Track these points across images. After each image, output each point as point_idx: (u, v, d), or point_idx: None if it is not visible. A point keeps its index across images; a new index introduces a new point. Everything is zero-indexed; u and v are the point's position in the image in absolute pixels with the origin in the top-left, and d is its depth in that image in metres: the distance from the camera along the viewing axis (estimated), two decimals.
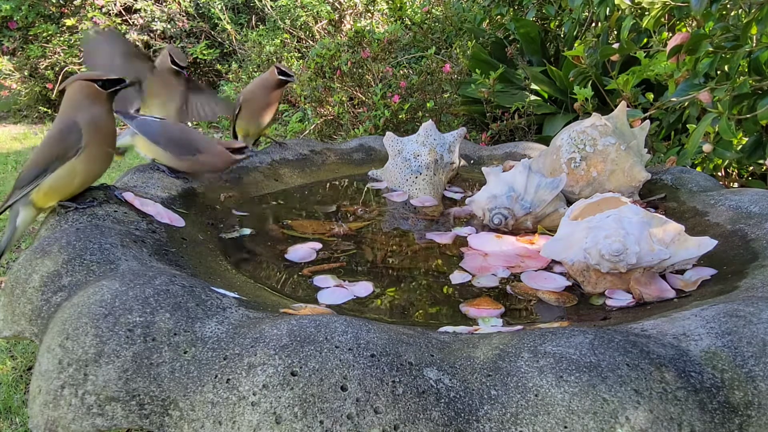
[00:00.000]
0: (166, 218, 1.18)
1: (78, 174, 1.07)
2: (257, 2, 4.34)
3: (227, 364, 0.67)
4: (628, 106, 1.60)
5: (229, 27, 4.31)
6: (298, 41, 3.90)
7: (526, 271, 1.13)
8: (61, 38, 4.35)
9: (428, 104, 2.72)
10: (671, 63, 1.63)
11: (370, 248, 1.25)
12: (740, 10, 1.56)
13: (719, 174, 1.99)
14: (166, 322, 0.73)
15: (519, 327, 0.90)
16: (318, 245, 1.23)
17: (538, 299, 1.03)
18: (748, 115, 1.46)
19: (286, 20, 3.91)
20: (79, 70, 4.30)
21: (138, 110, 1.62)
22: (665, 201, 1.45)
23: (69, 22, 4.30)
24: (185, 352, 0.70)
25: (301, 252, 1.19)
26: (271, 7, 4.20)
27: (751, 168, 1.99)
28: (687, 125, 1.92)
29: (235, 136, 1.77)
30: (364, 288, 1.05)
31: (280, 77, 1.67)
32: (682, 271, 1.07)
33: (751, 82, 1.44)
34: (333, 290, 1.04)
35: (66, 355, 0.70)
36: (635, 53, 1.85)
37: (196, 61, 4.45)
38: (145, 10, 4.46)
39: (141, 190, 1.28)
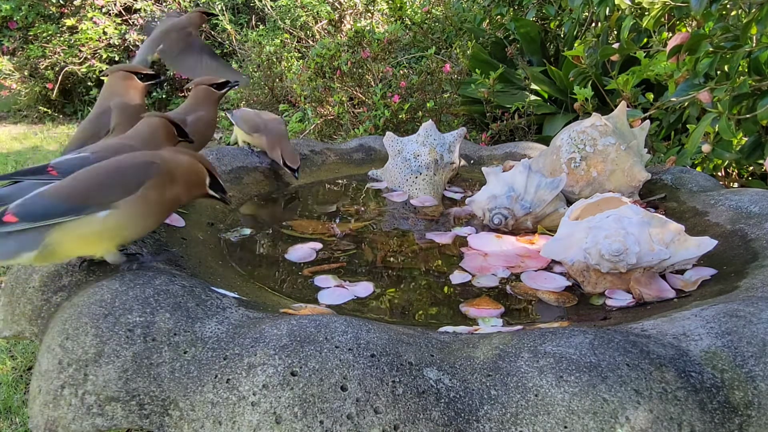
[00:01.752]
0: None
1: None
2: (257, 2, 4.34)
3: (227, 364, 0.67)
4: (628, 106, 1.60)
5: (229, 27, 4.31)
6: (298, 41, 3.90)
7: (526, 271, 1.14)
8: (61, 38, 4.35)
9: (428, 104, 2.72)
10: (671, 63, 1.63)
11: (370, 248, 1.24)
12: (740, 10, 1.56)
13: (719, 174, 1.99)
14: (166, 322, 0.73)
15: (519, 327, 0.90)
16: (318, 245, 1.23)
17: (538, 299, 1.03)
18: (747, 115, 1.46)
19: (286, 20, 3.91)
20: (78, 70, 4.29)
21: None
22: (665, 201, 1.45)
23: (69, 22, 4.30)
24: (185, 352, 0.70)
25: (300, 252, 1.19)
26: (271, 7, 4.20)
27: (751, 168, 1.98)
28: (687, 125, 1.92)
29: None
30: (364, 288, 1.05)
31: None
32: (682, 271, 1.07)
33: (751, 82, 1.44)
34: (333, 290, 1.04)
35: (66, 355, 0.70)
36: (635, 53, 1.85)
37: None
38: (145, 10, 4.46)
39: None
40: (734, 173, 2.03)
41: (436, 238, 1.30)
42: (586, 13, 2.48)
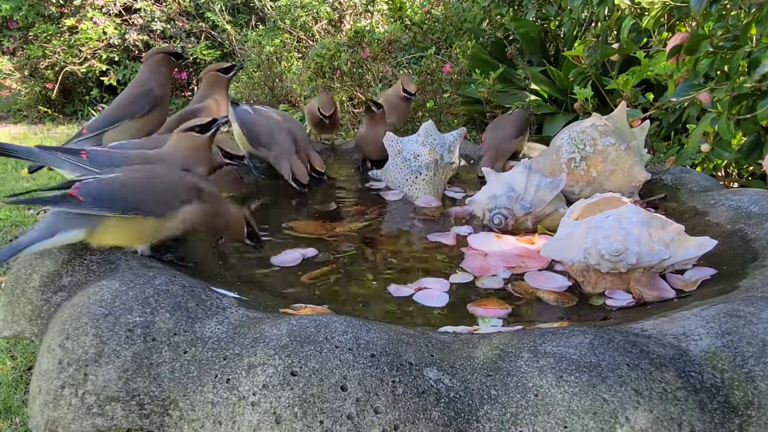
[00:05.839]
0: None
1: None
2: (257, 2, 4.34)
3: (227, 364, 0.67)
4: (628, 106, 1.60)
5: (228, 27, 4.31)
6: (298, 41, 3.90)
7: (527, 271, 1.13)
8: (61, 38, 4.35)
9: (428, 104, 2.72)
10: (671, 63, 1.62)
11: (370, 248, 1.24)
12: (740, 10, 1.56)
13: (719, 174, 1.99)
14: (166, 322, 0.73)
15: (519, 327, 0.90)
16: (310, 251, 1.20)
17: (538, 299, 1.03)
18: (747, 115, 1.45)
19: (286, 20, 3.90)
20: (78, 70, 4.29)
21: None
22: (665, 201, 1.45)
23: (69, 22, 4.29)
24: (185, 352, 0.70)
25: (289, 256, 1.18)
26: (271, 7, 4.19)
27: (751, 168, 1.98)
28: (687, 125, 1.92)
29: None
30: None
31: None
32: (682, 271, 1.07)
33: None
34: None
35: (66, 355, 0.70)
36: (635, 53, 1.85)
37: (196, 62, 4.44)
38: (145, 10, 4.46)
39: None
40: (734, 173, 2.03)
41: (438, 238, 1.30)
42: (586, 13, 2.48)
